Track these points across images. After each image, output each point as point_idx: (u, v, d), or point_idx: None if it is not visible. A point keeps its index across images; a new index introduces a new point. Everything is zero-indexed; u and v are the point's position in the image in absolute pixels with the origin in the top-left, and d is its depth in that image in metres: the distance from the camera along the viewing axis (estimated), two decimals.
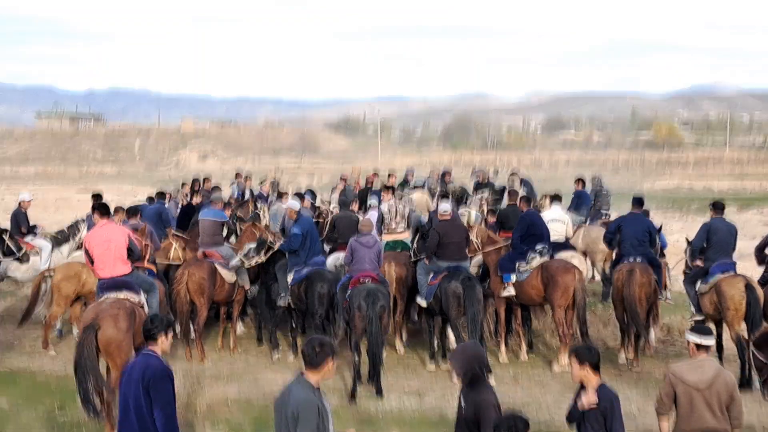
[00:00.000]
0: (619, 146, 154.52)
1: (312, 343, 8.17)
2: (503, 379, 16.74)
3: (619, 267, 18.21)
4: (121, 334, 13.25)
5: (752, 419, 14.10)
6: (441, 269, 17.24)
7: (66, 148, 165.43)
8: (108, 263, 14.33)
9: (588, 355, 8.97)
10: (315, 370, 8.05)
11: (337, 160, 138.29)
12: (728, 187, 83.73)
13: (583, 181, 25.56)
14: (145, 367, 8.96)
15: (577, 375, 8.97)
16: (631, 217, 18.86)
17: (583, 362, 8.88)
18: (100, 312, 13.38)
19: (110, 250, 14.34)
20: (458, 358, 8.82)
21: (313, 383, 8.03)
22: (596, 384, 8.87)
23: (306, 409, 7.84)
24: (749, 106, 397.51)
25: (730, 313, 16.26)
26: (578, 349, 9.27)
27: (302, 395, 7.90)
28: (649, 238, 18.54)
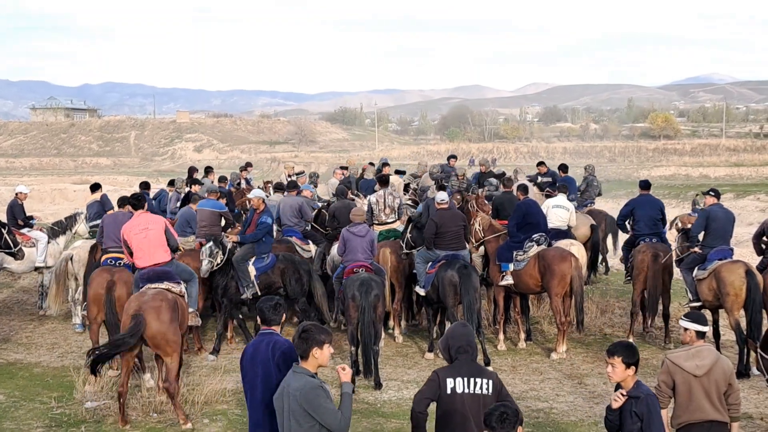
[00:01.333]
0: (616, 136, 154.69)
1: (298, 331, 8.13)
2: (501, 368, 16.70)
3: (641, 248, 18.62)
4: (165, 326, 13.30)
5: (750, 407, 14.10)
6: (439, 258, 17.21)
7: (61, 140, 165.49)
8: (147, 251, 14.47)
9: (633, 357, 8.48)
10: (304, 360, 8.01)
11: (334, 150, 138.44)
12: (725, 174, 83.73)
13: (567, 167, 25.53)
14: (272, 345, 8.82)
15: (621, 377, 8.50)
16: (643, 199, 19.36)
17: (629, 365, 8.42)
18: (143, 304, 13.35)
19: (149, 238, 14.52)
20: (442, 339, 8.77)
21: (310, 369, 7.97)
22: (632, 384, 8.51)
23: (312, 393, 7.77)
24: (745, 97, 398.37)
25: (730, 299, 16.21)
26: (623, 350, 8.56)
27: (301, 382, 7.83)
28: (662, 217, 19.11)
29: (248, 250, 17.75)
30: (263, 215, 17.85)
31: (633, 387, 8.42)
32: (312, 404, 7.72)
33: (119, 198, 17.74)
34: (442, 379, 8.41)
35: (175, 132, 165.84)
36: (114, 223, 16.62)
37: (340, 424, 7.80)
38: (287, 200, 20.58)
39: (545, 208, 19.87)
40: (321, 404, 7.75)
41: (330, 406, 7.79)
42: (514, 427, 7.15)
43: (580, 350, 18.09)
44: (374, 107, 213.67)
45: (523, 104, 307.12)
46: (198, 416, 13.69)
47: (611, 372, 8.51)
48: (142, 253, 14.43)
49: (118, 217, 16.73)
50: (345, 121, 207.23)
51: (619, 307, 21.35)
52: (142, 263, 14.43)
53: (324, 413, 7.73)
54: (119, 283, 15.56)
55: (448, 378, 8.42)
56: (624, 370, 8.42)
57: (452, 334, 8.70)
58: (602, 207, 28.92)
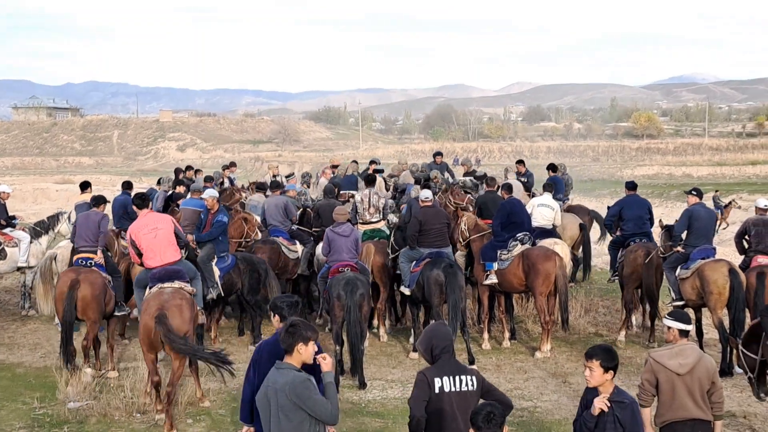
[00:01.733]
0: (599, 135, 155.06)
1: (285, 326, 8.11)
2: (486, 367, 16.71)
3: (633, 248, 18.78)
4: (186, 325, 13.23)
5: (733, 406, 14.12)
6: (423, 256, 17.21)
7: (43, 139, 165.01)
8: (158, 251, 14.24)
9: (612, 361, 8.43)
10: (288, 355, 7.98)
11: (318, 150, 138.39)
12: (707, 174, 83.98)
13: (555, 166, 25.56)
14: None
15: (599, 381, 8.45)
16: (631, 199, 19.53)
17: (608, 369, 8.38)
18: (163, 303, 13.20)
19: (158, 238, 14.29)
20: (421, 340, 8.71)
21: (294, 365, 7.95)
22: (611, 389, 8.45)
23: (302, 386, 7.75)
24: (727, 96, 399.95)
25: (713, 298, 16.25)
26: (602, 353, 8.50)
27: (288, 377, 7.80)
28: (650, 216, 19.34)
29: (210, 250, 17.62)
30: (218, 214, 17.79)
31: (614, 392, 8.36)
32: (302, 397, 7.70)
33: (93, 197, 17.60)
34: (431, 379, 8.36)
35: (158, 131, 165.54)
36: (86, 222, 16.44)
37: (332, 413, 7.82)
38: (272, 200, 20.54)
39: (530, 207, 19.89)
40: (311, 396, 7.74)
41: (319, 398, 7.79)
42: (500, 427, 7.15)
43: (564, 349, 18.11)
44: (358, 106, 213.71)
45: (507, 104, 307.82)
46: (182, 416, 13.65)
47: (589, 375, 8.47)
48: (153, 253, 14.23)
49: (91, 217, 16.57)
50: (329, 121, 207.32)
51: (603, 306, 21.41)
52: (152, 263, 14.21)
53: (314, 405, 7.72)
54: (84, 283, 15.44)
55: (435, 377, 8.37)
56: (602, 374, 8.37)
57: (435, 334, 8.63)
58: (587, 205, 28.96)
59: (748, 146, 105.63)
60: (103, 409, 13.74)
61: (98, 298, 15.51)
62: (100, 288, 15.54)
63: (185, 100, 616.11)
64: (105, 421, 13.41)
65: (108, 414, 13.58)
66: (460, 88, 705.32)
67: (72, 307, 15.31)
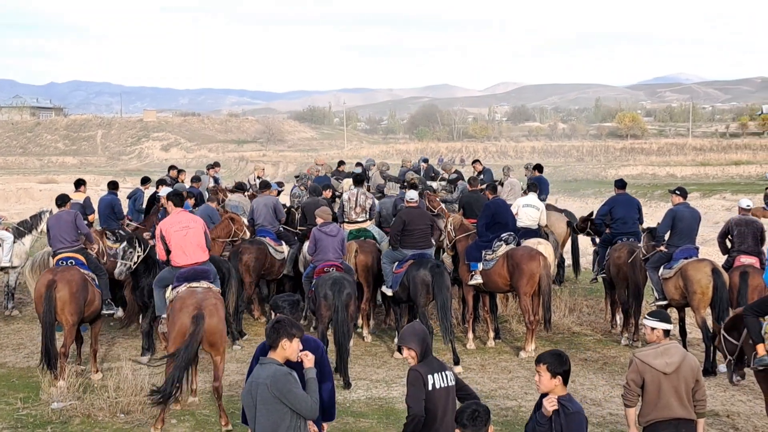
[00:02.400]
0: (584, 135, 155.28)
1: (271, 322, 8.15)
2: (470, 366, 16.75)
3: (617, 247, 19.03)
4: (222, 324, 13.44)
5: (716, 405, 14.19)
6: (406, 257, 17.21)
7: (27, 139, 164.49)
8: (188, 250, 14.38)
9: (561, 366, 8.16)
10: (273, 350, 8.01)
11: (302, 149, 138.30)
12: (691, 174, 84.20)
13: (540, 166, 25.52)
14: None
15: (547, 387, 8.15)
16: (621, 198, 19.73)
17: (555, 374, 8.11)
18: (200, 302, 13.24)
19: (188, 237, 14.44)
20: (413, 338, 8.67)
21: (278, 359, 7.98)
22: (562, 394, 8.20)
23: (283, 379, 7.77)
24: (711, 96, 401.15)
25: (697, 297, 16.30)
26: (549, 358, 8.22)
27: (270, 371, 7.83)
28: (639, 215, 19.55)
29: None
30: None
31: (564, 398, 8.14)
32: (282, 390, 7.72)
33: (57, 196, 17.49)
34: (425, 377, 8.38)
35: (142, 131, 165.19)
36: (59, 223, 16.29)
37: (311, 408, 7.85)
38: (261, 200, 20.48)
39: (516, 208, 19.91)
40: (291, 390, 7.76)
41: (300, 392, 7.82)
42: (485, 425, 7.16)
43: (548, 349, 18.10)
44: (343, 106, 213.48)
45: (491, 104, 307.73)
46: (166, 416, 13.62)
47: (538, 380, 8.24)
48: (182, 252, 14.34)
49: (63, 217, 16.44)
50: (313, 120, 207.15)
51: (587, 306, 21.45)
52: (181, 261, 14.31)
53: (294, 399, 7.74)
54: (61, 282, 15.27)
55: (428, 375, 8.41)
56: (549, 379, 8.12)
57: (424, 332, 8.69)
58: (571, 206, 29.06)
59: (732, 146, 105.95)
60: (86, 409, 13.72)
61: (77, 296, 15.28)
62: (78, 286, 15.33)
63: (169, 100, 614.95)
64: (88, 422, 13.39)
65: (92, 414, 13.56)
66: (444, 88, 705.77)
67: (51, 308, 15.13)
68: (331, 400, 9.06)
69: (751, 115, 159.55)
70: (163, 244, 14.54)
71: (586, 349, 18.23)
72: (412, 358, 8.56)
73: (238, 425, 12.59)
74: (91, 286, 15.74)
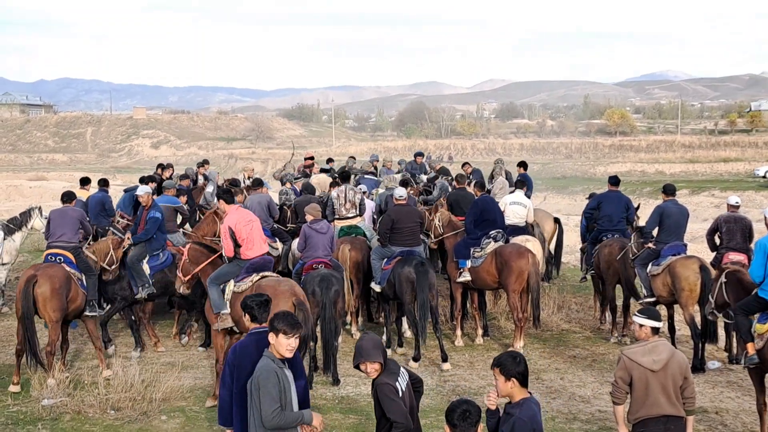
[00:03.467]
0: (572, 132, 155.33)
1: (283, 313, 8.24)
2: (459, 364, 16.78)
3: (607, 242, 19.06)
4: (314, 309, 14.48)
5: (705, 402, 14.23)
6: (394, 254, 17.24)
7: (16, 136, 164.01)
8: (256, 242, 14.69)
9: (515, 367, 7.85)
10: (273, 336, 8.13)
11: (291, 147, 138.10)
12: (680, 171, 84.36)
13: (525, 164, 25.49)
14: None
15: (503, 390, 7.90)
16: (611, 195, 19.70)
17: (509, 376, 7.83)
18: (293, 289, 13.96)
19: (254, 230, 14.73)
20: (377, 351, 8.45)
21: (275, 354, 8.06)
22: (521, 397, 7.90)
23: (265, 374, 7.83)
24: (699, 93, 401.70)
25: (685, 294, 16.35)
26: (503, 360, 7.92)
27: (263, 363, 7.95)
28: (627, 214, 19.41)
29: (142, 249, 17.36)
30: (151, 211, 17.57)
31: (516, 402, 7.87)
32: (259, 384, 7.79)
33: (63, 193, 17.46)
34: (394, 386, 8.23)
35: (132, 128, 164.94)
36: (63, 219, 16.28)
37: (271, 417, 7.83)
38: (255, 198, 20.49)
39: (503, 205, 19.92)
40: (266, 387, 7.79)
41: (274, 394, 7.81)
42: (474, 425, 7.13)
43: (537, 346, 18.19)
44: (331, 104, 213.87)
45: (479, 101, 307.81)
46: (155, 413, 13.64)
47: (495, 385, 7.99)
48: (252, 244, 14.58)
49: (68, 213, 16.43)
50: (302, 118, 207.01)
51: (576, 303, 21.50)
52: (252, 254, 14.56)
53: (263, 396, 7.78)
54: (41, 278, 15.18)
55: (395, 383, 8.26)
56: (504, 382, 7.85)
57: (381, 341, 8.53)
58: (560, 203, 29.09)
59: (720, 143, 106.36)
60: (77, 406, 13.73)
61: (58, 292, 15.15)
62: (60, 282, 15.21)
63: (158, 98, 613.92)
64: (79, 419, 13.40)
65: (82, 411, 13.57)
66: (432, 85, 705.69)
67: (30, 303, 15.01)
68: (305, 397, 8.97)
69: (740, 113, 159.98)
70: (232, 239, 14.62)
71: (574, 346, 18.26)
72: (376, 371, 8.34)
73: None
74: (74, 284, 15.63)
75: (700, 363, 16.10)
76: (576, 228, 31.34)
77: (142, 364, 16.08)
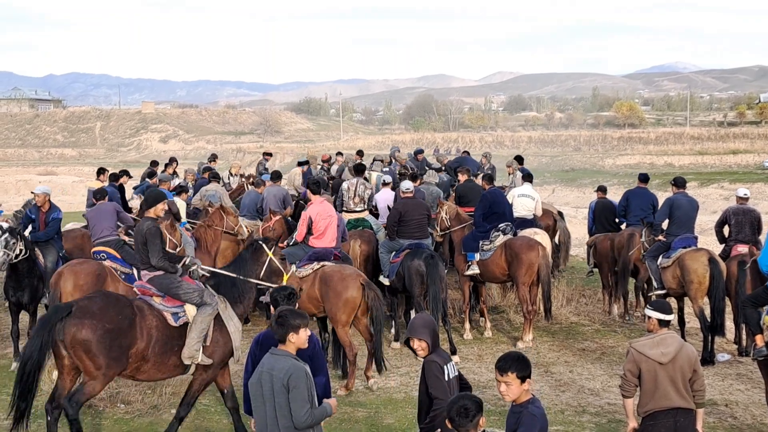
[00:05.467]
0: (581, 125, 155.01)
1: (274, 317, 8.21)
2: (468, 357, 16.79)
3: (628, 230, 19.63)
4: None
5: (715, 394, 14.22)
6: (402, 247, 17.24)
7: (26, 131, 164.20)
8: (329, 236, 15.82)
9: (528, 368, 7.54)
10: (282, 345, 8.08)
11: (299, 141, 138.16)
12: (689, 163, 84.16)
13: (521, 158, 25.47)
14: None
15: (518, 394, 7.53)
16: (638, 191, 20.18)
17: (525, 379, 7.49)
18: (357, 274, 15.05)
19: (332, 225, 15.92)
20: (424, 330, 8.62)
21: (290, 351, 8.05)
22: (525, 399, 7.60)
23: (297, 373, 7.82)
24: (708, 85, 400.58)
25: (694, 287, 16.35)
26: (516, 364, 7.52)
27: (287, 364, 7.89)
28: (652, 210, 19.60)
29: (55, 251, 17.05)
30: (51, 212, 17.40)
31: (527, 400, 7.56)
32: (290, 385, 7.77)
33: (97, 189, 17.50)
34: (443, 366, 8.33)
35: (141, 123, 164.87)
36: (98, 215, 16.38)
37: (304, 418, 7.83)
38: (271, 190, 20.91)
39: (511, 198, 19.93)
40: (299, 388, 7.79)
41: (305, 395, 7.84)
42: (472, 420, 7.05)
43: (546, 339, 18.19)
44: (339, 97, 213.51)
45: (488, 93, 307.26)
46: (165, 407, 13.67)
47: (506, 391, 7.54)
48: (324, 236, 15.77)
49: (102, 208, 16.47)
50: (310, 112, 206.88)
51: (585, 296, 21.49)
52: (320, 244, 15.72)
53: (296, 398, 7.77)
54: (67, 274, 15.10)
55: (444, 365, 8.36)
56: (519, 386, 7.48)
57: (434, 323, 8.69)
58: (568, 196, 29.07)
59: (730, 135, 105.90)
60: None
61: (82, 288, 14.88)
62: (86, 279, 15.05)
63: (167, 92, 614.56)
64: (89, 412, 13.41)
65: (92, 404, 13.57)
66: (440, 78, 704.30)
67: (56, 299, 14.77)
68: (327, 393, 9.07)
69: (749, 104, 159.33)
70: (308, 227, 15.79)
71: (583, 339, 18.26)
72: (423, 349, 8.45)
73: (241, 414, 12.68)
74: (110, 280, 15.48)
75: (709, 355, 16.10)
76: (585, 221, 31.34)
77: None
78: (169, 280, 11.62)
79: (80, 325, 10.74)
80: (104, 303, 11.12)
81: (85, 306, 10.97)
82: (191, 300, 11.59)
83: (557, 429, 12.59)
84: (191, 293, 11.58)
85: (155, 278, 11.64)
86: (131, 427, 12.92)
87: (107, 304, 11.12)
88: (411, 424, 12.62)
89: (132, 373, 11.32)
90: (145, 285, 11.79)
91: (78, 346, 10.76)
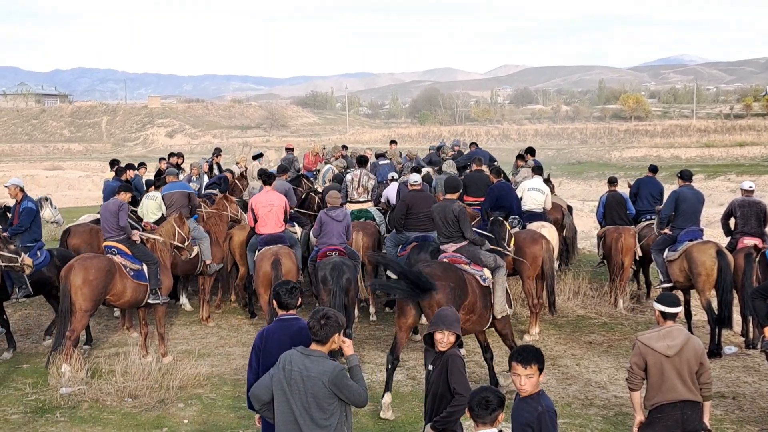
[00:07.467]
0: (587, 118, 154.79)
1: (316, 316, 8.08)
2: (475, 350, 16.76)
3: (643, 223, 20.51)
4: (295, 267, 16.75)
5: (722, 387, 14.21)
6: (409, 240, 17.24)
7: (32, 126, 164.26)
8: (269, 222, 17.57)
9: (544, 362, 7.61)
10: (321, 345, 8.01)
11: (305, 135, 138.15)
12: (695, 155, 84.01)
13: (522, 155, 25.47)
14: (299, 329, 8.85)
15: (534, 384, 7.55)
16: (647, 179, 21.16)
17: (542, 370, 7.57)
18: (276, 252, 16.68)
19: (272, 213, 17.60)
20: (455, 323, 8.64)
21: (325, 352, 8.02)
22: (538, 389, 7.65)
23: (340, 375, 7.86)
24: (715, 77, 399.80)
25: (701, 279, 16.34)
26: (535, 356, 7.56)
27: (326, 366, 7.88)
28: (660, 197, 20.56)
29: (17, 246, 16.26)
30: (24, 202, 17.39)
31: (537, 393, 7.60)
32: (339, 386, 7.80)
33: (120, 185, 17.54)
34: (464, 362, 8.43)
35: (147, 117, 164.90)
36: (104, 212, 16.32)
37: (364, 397, 7.98)
38: (278, 183, 20.84)
39: (521, 191, 19.92)
40: (348, 384, 7.87)
41: (354, 385, 7.93)
42: (492, 413, 7.06)
43: (552, 332, 18.18)
44: (345, 91, 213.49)
45: (494, 87, 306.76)
46: (173, 401, 13.69)
47: (526, 384, 7.52)
48: (265, 223, 17.60)
49: (108, 206, 16.43)
50: (316, 106, 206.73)
51: (592, 289, 21.47)
52: (263, 231, 17.58)
53: (350, 392, 7.85)
54: (77, 267, 15.12)
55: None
56: (538, 378, 7.54)
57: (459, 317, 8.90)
58: (575, 188, 29.07)
59: (736, 128, 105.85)
60: (94, 394, 13.78)
61: (92, 282, 15.04)
62: (95, 273, 15.11)
63: (173, 86, 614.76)
64: (97, 407, 13.45)
65: (100, 399, 13.62)
66: (446, 71, 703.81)
67: (66, 292, 15.00)
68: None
69: (756, 96, 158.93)
70: (253, 215, 17.76)
71: (590, 332, 18.25)
72: (449, 343, 8.55)
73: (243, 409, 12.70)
74: (119, 276, 15.56)
75: (716, 348, 16.10)
76: (591, 213, 31.32)
77: (157, 350, 16.22)
78: (474, 249, 14.24)
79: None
80: (444, 269, 13.44)
81: (431, 272, 13.09)
82: (488, 264, 14.12)
83: (564, 422, 12.59)
84: (489, 258, 14.18)
85: (462, 248, 14.23)
86: (139, 421, 12.93)
87: (447, 269, 13.48)
88: (417, 418, 12.65)
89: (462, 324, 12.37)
90: (454, 254, 14.18)
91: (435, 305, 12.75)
